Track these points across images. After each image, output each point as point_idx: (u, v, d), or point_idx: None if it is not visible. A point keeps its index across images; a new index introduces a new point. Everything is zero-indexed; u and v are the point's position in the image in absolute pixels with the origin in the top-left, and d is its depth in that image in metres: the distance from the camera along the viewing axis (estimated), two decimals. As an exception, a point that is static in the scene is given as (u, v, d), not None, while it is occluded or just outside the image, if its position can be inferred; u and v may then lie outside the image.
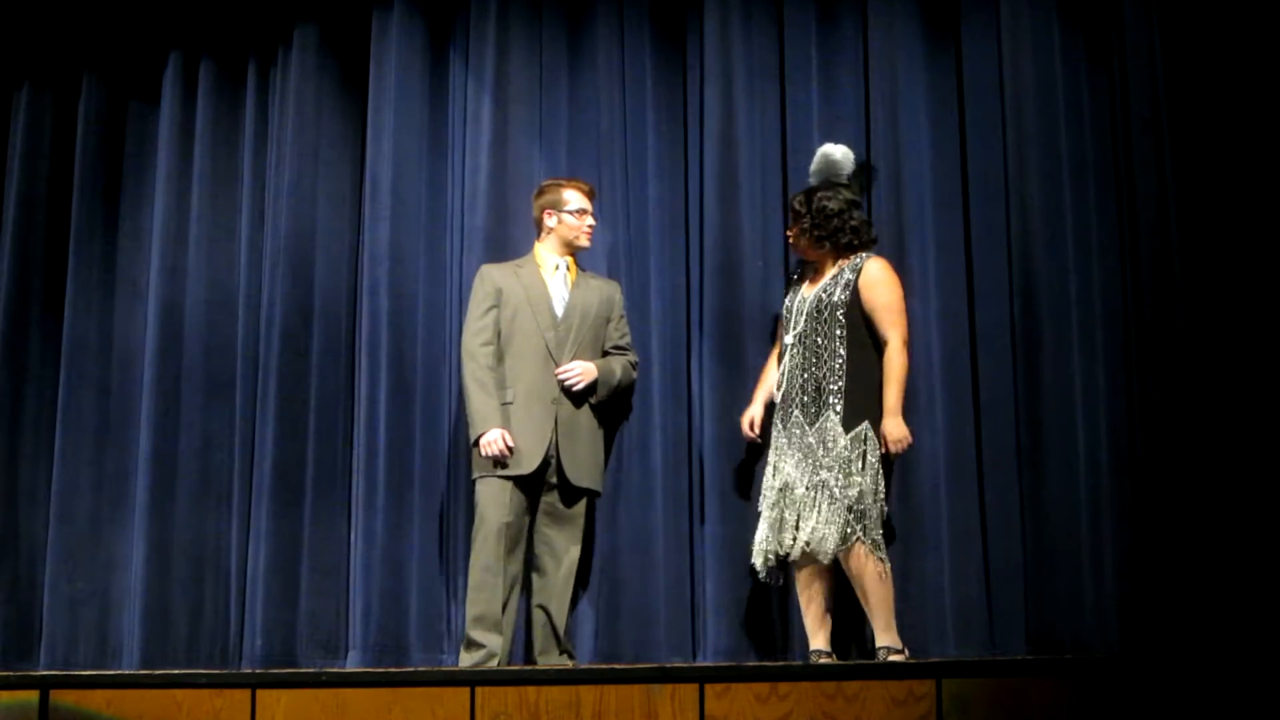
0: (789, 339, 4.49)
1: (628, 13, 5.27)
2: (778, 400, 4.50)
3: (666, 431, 4.96)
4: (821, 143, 4.86)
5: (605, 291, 4.85)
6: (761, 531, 4.44)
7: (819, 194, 4.58)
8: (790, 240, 4.67)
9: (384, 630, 4.94)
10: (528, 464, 4.56)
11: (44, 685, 3.72)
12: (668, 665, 4.26)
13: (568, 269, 4.80)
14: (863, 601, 4.31)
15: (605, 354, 4.79)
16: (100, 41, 5.65)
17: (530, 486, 4.61)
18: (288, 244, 5.28)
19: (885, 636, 4.27)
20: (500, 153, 5.18)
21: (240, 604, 5.15)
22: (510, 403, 4.62)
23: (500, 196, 5.13)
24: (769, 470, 4.49)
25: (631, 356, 4.86)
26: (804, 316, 4.47)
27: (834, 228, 4.51)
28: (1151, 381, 4.62)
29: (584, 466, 4.66)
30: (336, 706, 3.61)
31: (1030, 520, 4.69)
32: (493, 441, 4.54)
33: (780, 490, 4.38)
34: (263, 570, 5.07)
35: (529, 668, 4.52)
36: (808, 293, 4.53)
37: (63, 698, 3.68)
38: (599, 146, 5.19)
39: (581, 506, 4.68)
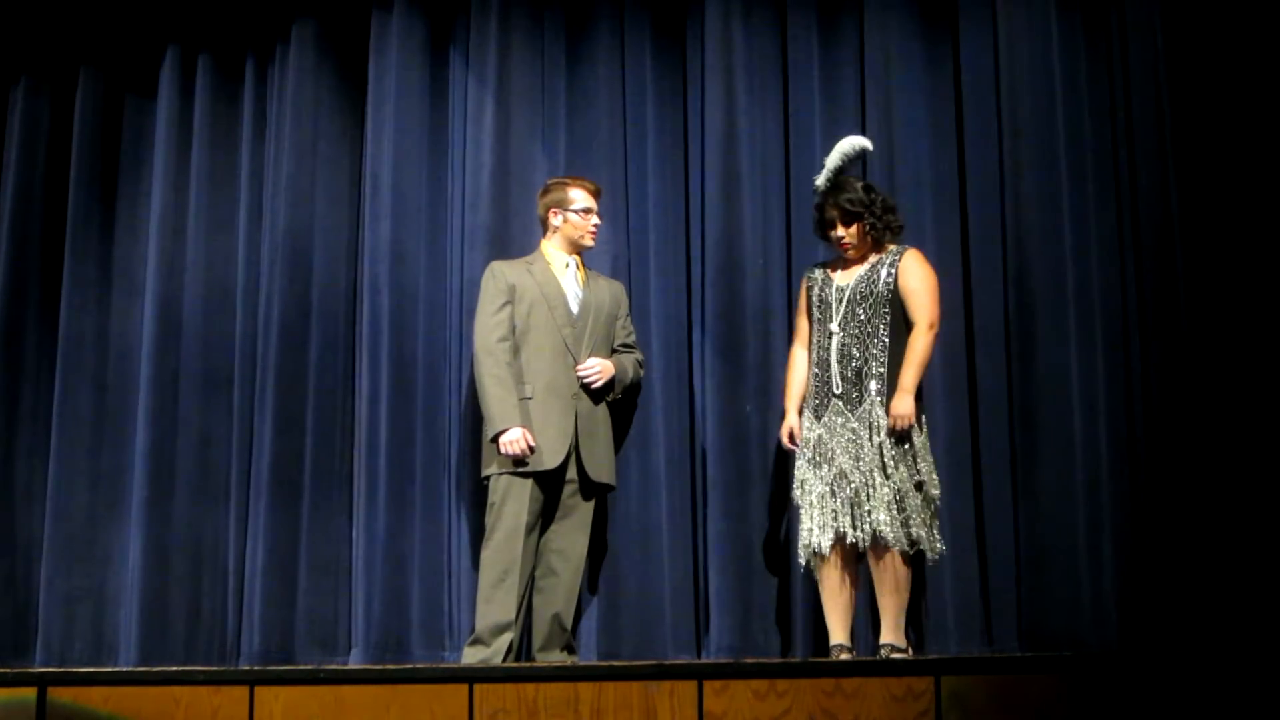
0: (833, 328, 4.41)
1: (628, 11, 5.28)
2: (813, 391, 4.42)
3: (670, 429, 4.96)
4: (821, 140, 4.87)
5: (613, 290, 4.84)
6: (805, 526, 4.35)
7: (869, 189, 4.49)
8: (845, 239, 4.44)
9: (385, 628, 4.94)
10: (551, 460, 4.53)
11: (42, 682, 3.70)
12: (666, 662, 4.25)
13: (577, 267, 4.79)
14: (881, 594, 4.28)
15: (614, 352, 4.78)
16: (98, 36, 5.64)
17: (550, 484, 4.58)
18: (285, 240, 5.28)
19: (893, 634, 4.24)
20: (502, 151, 5.18)
21: (238, 601, 5.15)
22: (529, 398, 4.58)
23: (502, 194, 5.13)
24: (805, 464, 4.38)
25: (638, 355, 4.85)
26: (844, 305, 4.42)
27: (890, 221, 4.47)
28: (1149, 377, 4.63)
29: (602, 462, 4.65)
30: (335, 703, 3.60)
31: (1027, 517, 4.70)
32: (514, 440, 4.48)
33: (830, 481, 4.31)
34: (260, 567, 5.07)
35: (527, 665, 4.51)
36: (843, 281, 4.46)
37: (60, 695, 3.67)
38: (599, 144, 5.20)
39: (592, 503, 4.66)
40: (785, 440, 4.47)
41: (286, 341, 5.22)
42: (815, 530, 4.31)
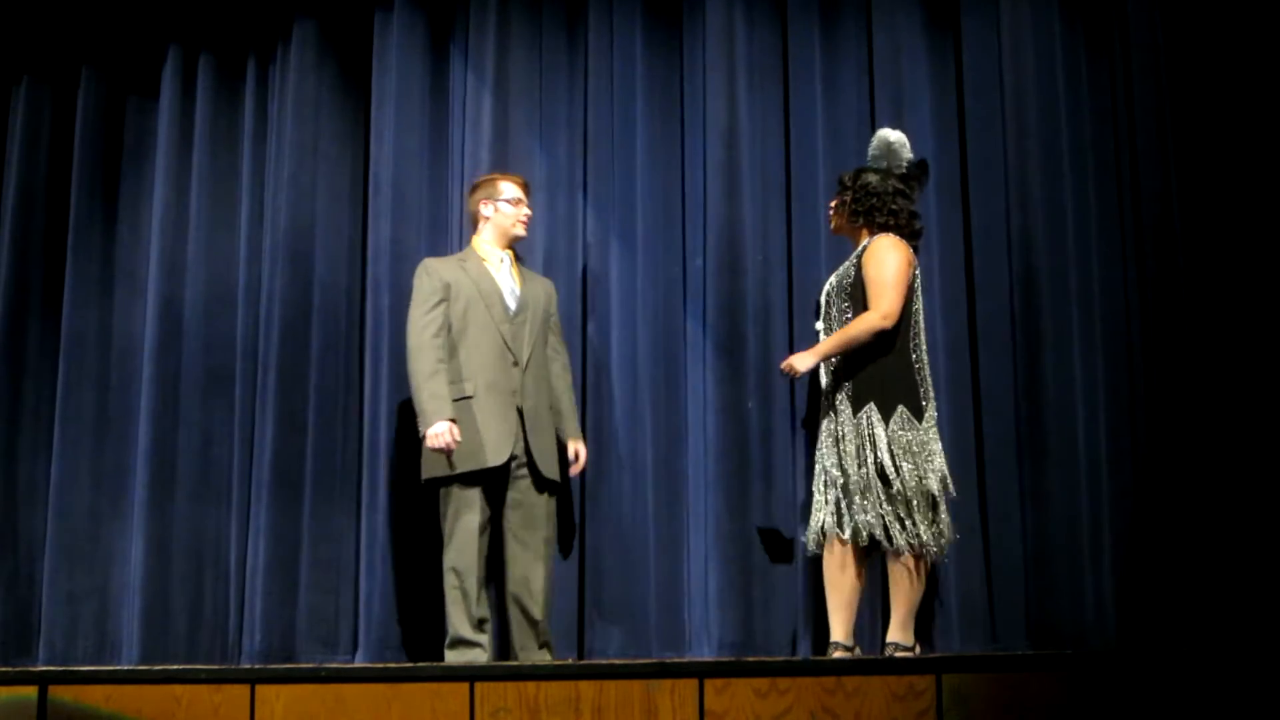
0: (818, 325, 4.47)
1: (627, 6, 5.27)
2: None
3: (658, 424, 4.96)
4: (823, 138, 4.88)
5: (545, 287, 4.84)
6: (812, 519, 4.41)
7: (866, 172, 4.52)
8: (830, 213, 4.61)
9: (385, 626, 4.94)
10: (495, 457, 4.53)
11: (43, 681, 3.70)
12: (667, 660, 4.25)
13: (511, 262, 4.78)
14: (890, 590, 4.28)
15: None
16: (100, 36, 5.64)
17: (496, 484, 4.58)
18: (287, 239, 5.28)
19: (898, 632, 4.23)
20: (501, 148, 5.19)
21: (239, 599, 5.15)
22: (470, 396, 4.57)
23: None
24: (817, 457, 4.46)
25: (565, 358, 4.84)
26: (825, 302, 4.46)
27: (871, 205, 4.44)
28: (1152, 375, 4.63)
29: (549, 459, 4.64)
30: (336, 702, 3.60)
31: (1031, 515, 4.70)
32: (439, 434, 4.47)
33: (820, 476, 4.37)
34: (262, 566, 5.08)
35: (528, 664, 4.51)
36: (833, 276, 4.50)
37: (61, 693, 3.67)
38: (598, 141, 5.20)
39: (546, 499, 4.64)
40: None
41: (288, 340, 5.22)
42: (812, 526, 4.38)
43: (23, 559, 5.36)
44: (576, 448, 4.76)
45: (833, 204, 4.59)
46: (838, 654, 4.26)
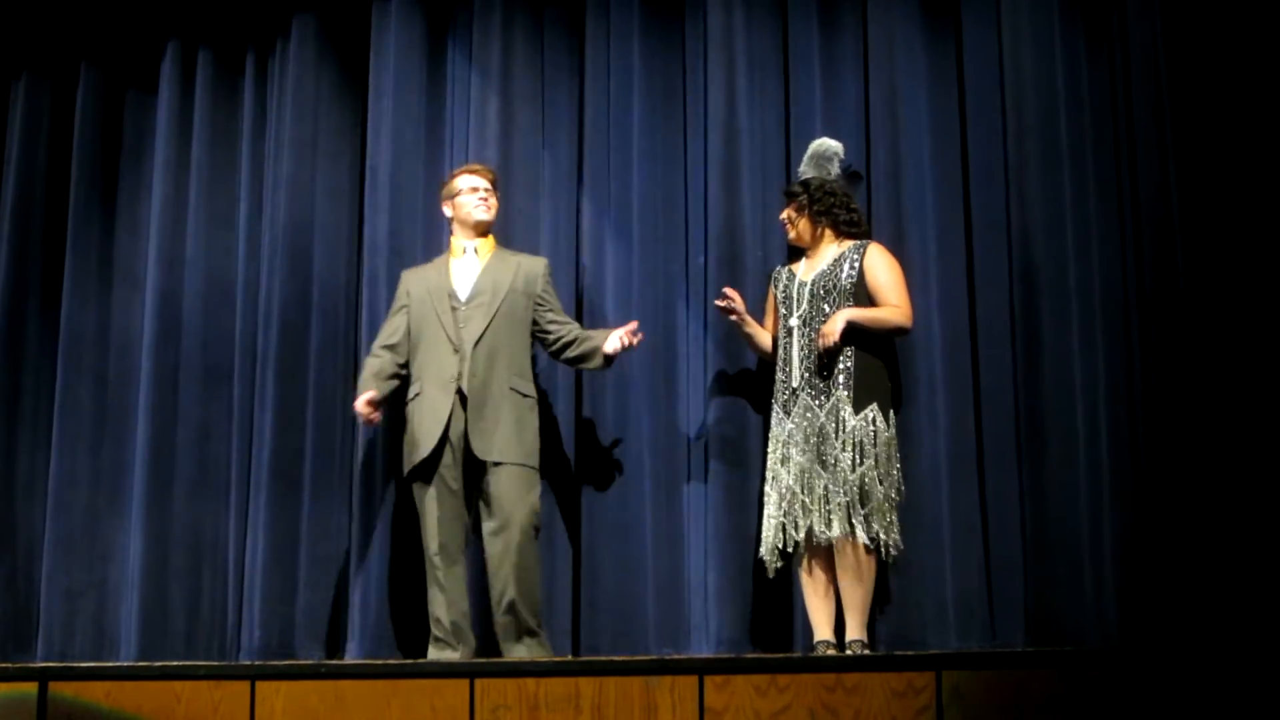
0: (794, 322, 4.46)
1: (628, 3, 5.25)
2: (780, 386, 4.46)
3: (657, 419, 4.95)
4: (823, 134, 4.87)
5: (526, 266, 4.76)
6: (771, 521, 4.40)
7: (814, 179, 4.62)
8: (786, 221, 4.63)
9: (381, 622, 4.94)
10: (424, 448, 4.55)
11: (43, 677, 3.71)
12: (667, 657, 4.26)
13: (476, 251, 4.76)
14: (845, 588, 4.28)
15: (541, 335, 4.72)
16: (98, 31, 5.64)
17: (448, 475, 4.55)
18: (286, 235, 5.28)
19: (860, 630, 4.26)
20: (499, 143, 5.18)
21: (238, 596, 5.15)
22: (419, 394, 4.61)
23: (503, 189, 5.11)
24: (775, 458, 4.45)
25: (565, 321, 4.76)
26: (805, 300, 4.45)
27: (831, 204, 4.52)
28: (1152, 372, 4.62)
29: (494, 441, 4.53)
30: (335, 698, 3.61)
31: (1030, 511, 4.69)
32: (358, 407, 4.62)
33: (796, 476, 4.34)
34: (261, 562, 5.07)
35: (528, 660, 4.51)
36: (805, 276, 4.51)
37: (62, 690, 3.68)
38: (598, 137, 5.19)
39: (513, 483, 4.52)
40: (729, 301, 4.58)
41: (287, 336, 5.21)
42: (787, 525, 4.35)
43: (21, 555, 5.36)
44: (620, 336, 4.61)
45: (787, 214, 4.62)
46: (830, 652, 4.27)
